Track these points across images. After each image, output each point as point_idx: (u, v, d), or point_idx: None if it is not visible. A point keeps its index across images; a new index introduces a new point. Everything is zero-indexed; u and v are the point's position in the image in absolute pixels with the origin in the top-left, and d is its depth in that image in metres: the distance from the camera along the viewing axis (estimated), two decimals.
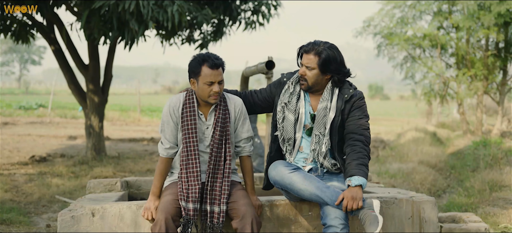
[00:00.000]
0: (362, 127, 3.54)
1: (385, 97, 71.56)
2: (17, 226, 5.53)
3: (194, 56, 3.50)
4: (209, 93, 3.44)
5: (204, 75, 3.41)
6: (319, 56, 3.52)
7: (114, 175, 8.56)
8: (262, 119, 17.91)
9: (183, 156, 3.46)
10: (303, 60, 3.58)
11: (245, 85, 7.40)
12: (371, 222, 3.22)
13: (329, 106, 3.56)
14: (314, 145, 3.57)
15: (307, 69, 3.55)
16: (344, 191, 3.35)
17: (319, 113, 3.56)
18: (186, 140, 3.46)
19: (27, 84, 58.41)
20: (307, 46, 3.59)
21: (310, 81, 3.56)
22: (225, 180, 3.47)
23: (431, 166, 9.76)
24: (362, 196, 3.33)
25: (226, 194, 3.43)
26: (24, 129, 16.23)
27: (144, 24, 8.01)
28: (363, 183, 3.35)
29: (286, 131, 3.61)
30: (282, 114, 3.63)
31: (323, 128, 3.55)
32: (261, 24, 10.32)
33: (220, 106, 3.53)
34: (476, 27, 15.47)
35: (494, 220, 5.64)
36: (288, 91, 3.64)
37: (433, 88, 17.33)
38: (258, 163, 8.55)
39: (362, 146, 3.48)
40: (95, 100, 10.18)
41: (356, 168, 3.39)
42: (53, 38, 9.87)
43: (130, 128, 18.76)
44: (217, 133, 3.49)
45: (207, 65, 3.41)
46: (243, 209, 3.33)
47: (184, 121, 3.47)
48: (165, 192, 3.48)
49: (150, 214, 3.43)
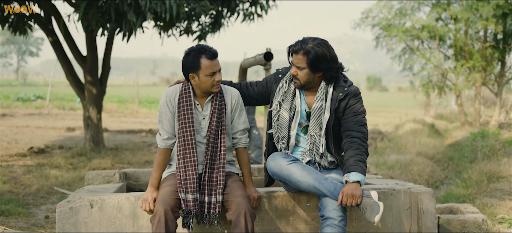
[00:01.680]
0: (359, 123, 3.50)
1: (383, 89, 71.62)
2: (16, 218, 5.53)
3: (188, 52, 3.48)
4: (212, 84, 3.46)
5: (204, 67, 3.42)
6: (307, 55, 3.45)
7: (113, 167, 8.56)
8: (261, 110, 17.91)
9: (180, 147, 3.46)
10: (293, 60, 3.52)
11: (243, 77, 7.38)
12: (372, 209, 3.22)
13: (324, 106, 3.52)
14: (310, 145, 3.56)
15: (298, 69, 3.50)
16: (343, 188, 3.33)
17: (314, 114, 3.53)
18: (183, 130, 3.46)
19: (25, 76, 58.32)
20: (295, 46, 3.51)
21: (302, 80, 3.51)
22: (220, 170, 3.47)
23: (429, 158, 9.78)
24: (361, 193, 3.31)
25: (221, 184, 3.44)
26: (22, 121, 16.22)
27: (142, 15, 7.99)
28: (361, 180, 3.33)
29: (280, 129, 3.59)
30: (276, 112, 3.61)
31: (318, 129, 3.52)
32: (260, 15, 10.31)
33: (216, 97, 3.54)
34: (474, 19, 15.47)
35: (492, 211, 5.66)
36: (282, 90, 3.60)
37: (431, 80, 17.35)
38: (257, 154, 8.55)
39: (360, 142, 3.45)
40: (93, 92, 10.16)
41: (354, 165, 3.36)
42: (51, 30, 9.85)
43: (128, 119, 18.76)
44: (214, 123, 3.49)
45: (206, 57, 3.42)
46: (237, 201, 3.34)
47: (180, 111, 3.48)
48: (164, 183, 3.48)
49: (148, 205, 3.44)
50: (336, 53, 3.54)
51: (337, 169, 3.64)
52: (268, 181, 3.77)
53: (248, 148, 8.39)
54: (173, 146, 3.55)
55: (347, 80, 3.58)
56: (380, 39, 17.76)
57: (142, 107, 23.90)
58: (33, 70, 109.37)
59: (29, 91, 29.75)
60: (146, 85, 60.99)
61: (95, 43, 10.09)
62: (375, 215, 3.20)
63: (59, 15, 9.48)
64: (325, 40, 3.52)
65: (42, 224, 5.37)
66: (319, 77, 3.54)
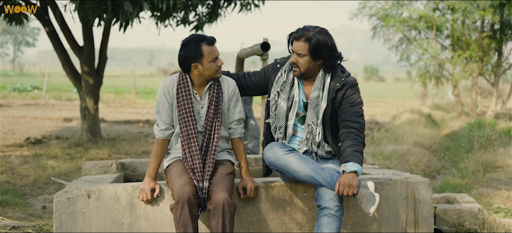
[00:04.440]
0: (356, 114, 3.50)
1: (380, 79, 71.65)
2: (13, 208, 5.54)
3: (186, 42, 3.48)
4: (216, 69, 3.49)
5: (207, 54, 3.45)
6: (309, 42, 3.46)
7: (110, 157, 8.57)
8: (258, 101, 17.93)
9: (184, 137, 3.47)
10: (294, 47, 3.53)
11: (240, 67, 7.37)
12: (368, 199, 3.23)
13: (321, 95, 3.52)
14: (307, 134, 3.57)
15: (299, 56, 3.50)
16: (340, 178, 3.34)
17: (311, 103, 3.53)
18: (184, 120, 3.47)
19: (21, 66, 58.15)
20: (296, 33, 3.52)
21: (302, 68, 3.52)
22: (211, 158, 3.48)
23: (425, 148, 9.81)
24: (358, 183, 3.32)
25: (210, 171, 3.44)
26: (19, 111, 16.19)
27: (139, 5, 7.96)
28: (358, 170, 3.34)
29: (278, 119, 3.60)
30: (274, 102, 3.61)
31: (315, 118, 3.53)
32: (257, 5, 10.28)
33: (214, 85, 3.55)
34: (471, 9, 15.46)
35: (488, 200, 5.68)
36: (281, 80, 3.60)
37: (428, 70, 17.35)
38: (254, 145, 8.56)
39: (357, 133, 3.46)
40: (90, 82, 10.15)
41: (351, 155, 3.37)
42: (47, 20, 9.81)
43: (125, 110, 18.74)
44: (211, 112, 3.51)
45: (206, 44, 3.46)
46: (217, 190, 3.33)
47: (180, 101, 3.48)
48: (173, 171, 3.46)
49: (145, 195, 3.45)
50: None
51: (334, 158, 3.65)
52: (266, 171, 3.78)
53: (245, 138, 8.44)
54: (171, 136, 3.56)
55: (345, 70, 3.59)
56: (377, 29, 17.74)
57: (139, 98, 23.89)
58: (29, 60, 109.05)
59: (25, 81, 29.68)
60: (143, 75, 60.89)
61: (91, 33, 10.06)
62: (370, 206, 3.21)
63: (55, 5, 9.44)
64: (325, 29, 3.53)
65: (39, 214, 5.38)
66: (319, 65, 3.54)
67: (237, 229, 3.62)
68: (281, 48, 12.78)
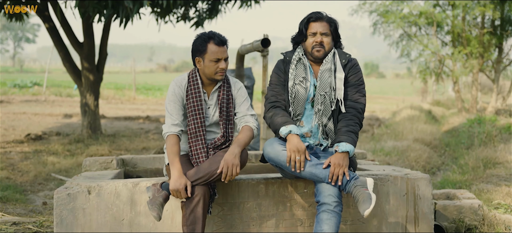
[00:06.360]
0: (358, 93, 3.59)
1: (380, 76, 71.58)
2: (14, 204, 5.54)
3: (198, 35, 3.53)
4: (216, 70, 3.49)
5: (210, 53, 3.46)
6: (330, 23, 3.61)
7: (110, 153, 8.57)
8: (258, 97, 17.91)
9: (191, 133, 3.51)
10: (315, 28, 3.59)
11: (240, 63, 7.37)
12: (364, 200, 3.24)
13: (333, 68, 3.58)
14: (320, 105, 3.57)
15: (324, 36, 3.60)
16: (331, 157, 3.38)
17: (323, 75, 3.57)
18: (192, 117, 3.51)
19: (21, 62, 58.11)
20: (317, 14, 3.62)
21: (327, 47, 3.61)
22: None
23: (426, 144, 9.81)
24: (348, 163, 3.37)
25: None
26: (19, 107, 16.20)
27: (139, 2, 7.95)
28: (350, 150, 3.39)
29: (297, 106, 3.61)
30: (293, 90, 3.61)
31: (328, 88, 3.56)
32: (257, 1, 10.27)
33: (223, 87, 3.57)
34: (472, 5, 15.45)
35: (488, 197, 5.69)
36: (299, 66, 3.62)
37: (429, 66, 17.35)
38: (254, 140, 8.56)
39: (354, 113, 3.53)
40: (90, 78, 10.14)
41: (345, 135, 3.44)
42: (47, 16, 9.80)
43: (126, 106, 18.74)
44: (217, 114, 3.56)
45: (213, 43, 3.47)
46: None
47: (189, 98, 3.52)
48: (183, 167, 3.44)
49: (183, 194, 3.32)
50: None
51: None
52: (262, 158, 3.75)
53: None
54: (181, 132, 3.55)
55: (347, 53, 3.71)
56: (378, 25, 17.74)
57: (139, 94, 23.88)
58: (29, 56, 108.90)
59: (25, 78, 29.66)
60: (143, 72, 60.85)
61: (91, 29, 10.05)
62: (366, 207, 3.19)
63: (56, 1, 9.43)
64: None
65: (40, 210, 5.38)
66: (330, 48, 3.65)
67: (238, 225, 3.63)
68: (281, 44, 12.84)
